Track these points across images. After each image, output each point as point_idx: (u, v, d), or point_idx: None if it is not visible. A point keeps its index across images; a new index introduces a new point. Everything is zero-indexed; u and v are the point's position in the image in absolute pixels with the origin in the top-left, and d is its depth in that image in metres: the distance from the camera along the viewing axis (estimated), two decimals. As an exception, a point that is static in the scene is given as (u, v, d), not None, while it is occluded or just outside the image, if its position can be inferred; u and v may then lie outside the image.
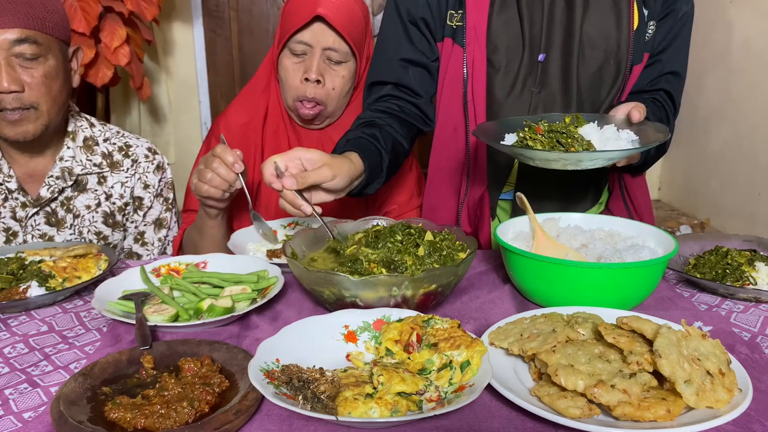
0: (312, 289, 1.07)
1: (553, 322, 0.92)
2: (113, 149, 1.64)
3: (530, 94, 1.42)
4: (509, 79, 1.42)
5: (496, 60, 1.41)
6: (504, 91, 1.42)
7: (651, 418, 0.74)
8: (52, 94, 1.45)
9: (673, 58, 1.45)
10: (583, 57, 1.40)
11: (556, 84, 1.41)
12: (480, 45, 1.41)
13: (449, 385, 0.83)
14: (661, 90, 1.46)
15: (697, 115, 4.11)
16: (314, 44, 1.57)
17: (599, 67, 1.40)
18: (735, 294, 1.14)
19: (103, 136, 1.64)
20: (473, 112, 1.45)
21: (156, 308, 1.08)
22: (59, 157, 1.56)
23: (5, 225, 1.54)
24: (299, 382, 0.81)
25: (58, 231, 1.57)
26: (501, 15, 1.40)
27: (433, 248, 1.12)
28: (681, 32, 1.44)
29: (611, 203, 1.56)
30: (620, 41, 1.38)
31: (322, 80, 1.58)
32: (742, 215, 3.76)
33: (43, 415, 0.81)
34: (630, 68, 1.41)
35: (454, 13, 1.42)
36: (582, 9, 1.38)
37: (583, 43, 1.39)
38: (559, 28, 1.39)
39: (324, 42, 1.56)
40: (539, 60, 1.40)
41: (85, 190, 1.60)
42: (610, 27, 1.38)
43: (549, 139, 1.16)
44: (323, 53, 1.58)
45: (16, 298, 1.13)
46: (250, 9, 4.31)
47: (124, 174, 1.64)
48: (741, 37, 3.74)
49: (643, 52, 1.41)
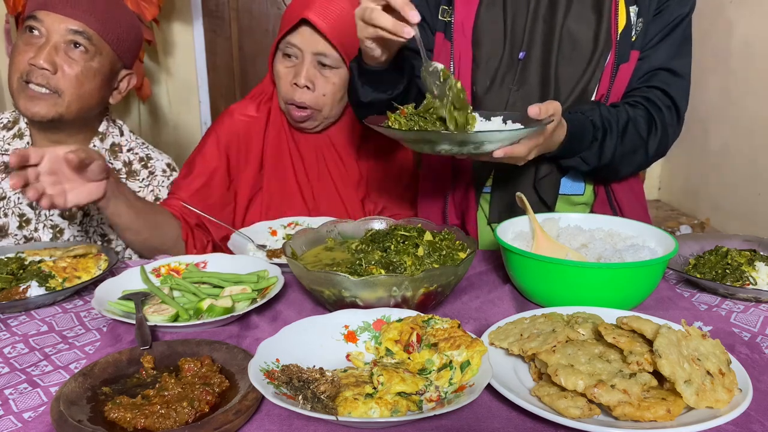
0: (312, 288, 1.07)
1: (553, 322, 0.92)
2: (134, 158, 1.67)
3: (508, 90, 1.42)
4: (489, 75, 1.43)
5: (479, 55, 1.43)
6: (483, 86, 1.44)
7: (651, 418, 0.74)
8: (80, 91, 1.49)
9: (666, 55, 1.43)
10: (563, 56, 1.40)
11: (534, 82, 1.42)
12: (466, 41, 1.42)
13: (449, 385, 0.83)
14: (655, 87, 1.43)
15: (697, 115, 4.11)
16: (304, 48, 1.56)
17: (578, 66, 1.41)
18: (735, 294, 1.14)
19: (128, 146, 1.68)
20: None
21: (156, 308, 1.08)
22: None
23: (20, 211, 1.57)
24: (299, 382, 0.81)
25: (69, 225, 1.59)
26: (488, 12, 1.42)
27: (432, 248, 1.12)
28: (676, 30, 1.42)
29: (596, 207, 1.55)
30: (599, 41, 1.38)
31: (311, 86, 1.57)
32: (742, 215, 3.76)
33: (43, 415, 0.81)
34: (615, 68, 1.40)
35: (445, 8, 1.44)
36: (565, 8, 1.39)
37: (563, 42, 1.40)
38: (541, 27, 1.40)
39: (313, 47, 1.55)
40: (519, 57, 1.41)
41: None
42: (591, 26, 1.39)
43: (411, 121, 1.13)
44: (314, 58, 1.57)
45: (16, 298, 1.13)
46: (250, 9, 4.31)
47: (138, 183, 1.66)
48: (741, 37, 3.73)
49: (630, 51, 1.41)
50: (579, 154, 1.37)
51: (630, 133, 1.39)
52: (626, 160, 1.43)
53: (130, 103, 3.91)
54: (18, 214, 1.57)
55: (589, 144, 1.36)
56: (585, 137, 1.34)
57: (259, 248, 1.42)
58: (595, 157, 1.38)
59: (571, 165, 1.42)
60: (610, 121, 1.37)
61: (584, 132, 1.33)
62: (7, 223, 1.56)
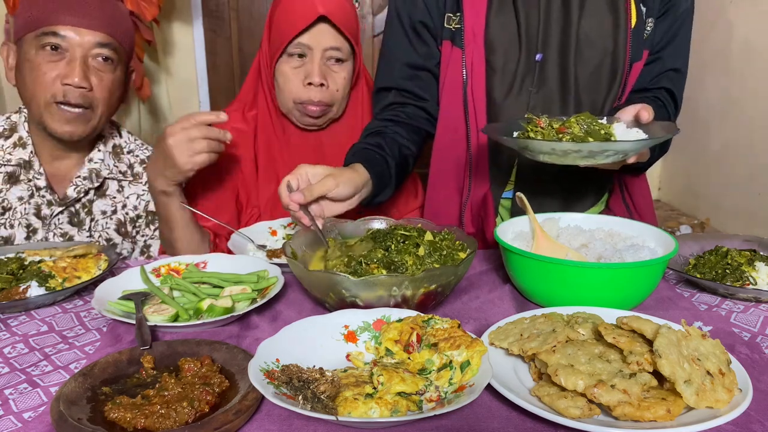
0: (312, 289, 1.07)
1: (553, 322, 0.92)
2: (135, 161, 1.67)
3: (528, 94, 1.42)
4: (507, 80, 1.42)
5: (494, 61, 1.42)
6: (502, 92, 1.43)
7: (651, 418, 0.74)
8: (110, 102, 1.51)
9: (674, 55, 1.44)
10: (581, 56, 1.40)
11: (553, 84, 1.41)
12: (478, 47, 1.41)
13: (449, 385, 0.83)
14: (663, 88, 1.46)
15: (697, 115, 4.11)
16: (314, 46, 1.55)
17: (597, 65, 1.40)
18: (735, 294, 1.14)
19: (128, 147, 1.67)
20: (473, 114, 1.45)
21: (156, 308, 1.08)
22: (89, 159, 1.59)
23: (27, 221, 1.55)
24: (299, 382, 0.81)
25: (78, 231, 1.59)
26: (498, 17, 1.41)
27: (433, 248, 1.12)
28: (681, 29, 1.44)
29: (612, 203, 1.56)
30: (618, 39, 1.38)
31: (325, 83, 1.57)
32: (742, 215, 3.76)
33: (43, 415, 0.81)
34: (629, 66, 1.41)
35: (452, 16, 1.43)
36: (578, 8, 1.38)
37: (580, 42, 1.39)
38: (556, 28, 1.39)
39: (325, 42, 1.55)
40: (536, 60, 1.41)
41: (104, 196, 1.61)
42: (608, 25, 1.39)
43: (551, 131, 1.14)
44: (323, 54, 1.56)
45: (16, 298, 1.13)
46: (250, 9, 4.32)
47: (141, 187, 1.66)
48: (741, 37, 3.73)
49: (642, 50, 1.41)
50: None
51: None
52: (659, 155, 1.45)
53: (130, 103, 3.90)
54: (25, 224, 1.55)
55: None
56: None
57: (259, 248, 1.42)
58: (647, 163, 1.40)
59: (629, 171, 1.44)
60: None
61: None
62: (14, 234, 1.54)
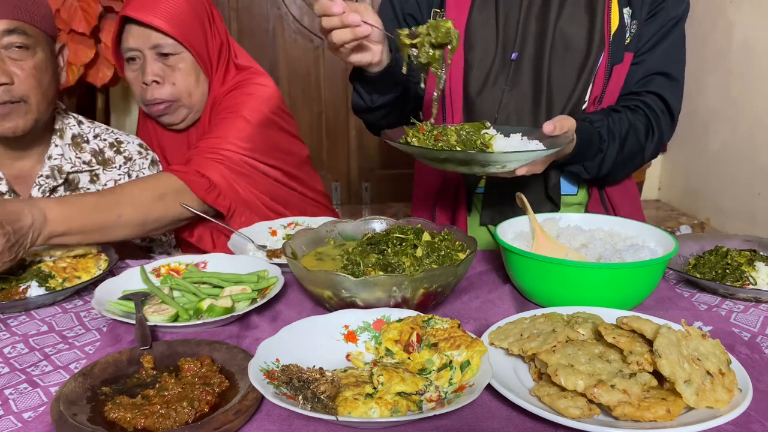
0: (311, 289, 1.07)
1: (553, 322, 0.92)
2: (104, 146, 1.61)
3: (501, 91, 1.43)
4: (481, 76, 1.44)
5: (472, 57, 1.44)
6: (476, 87, 1.44)
7: (651, 418, 0.74)
8: (42, 88, 1.42)
9: (662, 59, 1.44)
10: (556, 57, 1.41)
11: (527, 83, 1.42)
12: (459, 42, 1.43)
13: (449, 385, 0.83)
14: (651, 93, 1.45)
15: (697, 115, 4.11)
16: (141, 47, 1.59)
17: (571, 66, 1.41)
18: (735, 294, 1.14)
19: (93, 133, 1.61)
20: (450, 108, 1.48)
21: (156, 308, 1.08)
22: (48, 156, 1.52)
23: None
24: (299, 382, 0.81)
25: None
26: (480, 14, 1.43)
27: (431, 249, 1.12)
28: (671, 33, 1.43)
29: (590, 207, 1.55)
30: (593, 41, 1.39)
31: (160, 80, 1.60)
32: (742, 215, 3.76)
33: (43, 415, 0.81)
34: (608, 69, 1.41)
35: (437, 11, 1.45)
36: (557, 9, 1.40)
37: (556, 43, 1.40)
38: (534, 28, 1.41)
39: (148, 41, 1.58)
40: (512, 58, 1.42)
41: (77, 189, 1.57)
42: (584, 28, 1.39)
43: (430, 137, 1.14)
44: (152, 52, 1.59)
45: (16, 298, 1.13)
46: (250, 9, 4.31)
47: (117, 171, 1.62)
48: (741, 37, 3.73)
49: (624, 53, 1.41)
50: (583, 163, 1.39)
51: (630, 140, 1.40)
52: (624, 166, 1.45)
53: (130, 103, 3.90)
54: None
55: (593, 155, 1.37)
56: (591, 148, 1.35)
57: (259, 248, 1.42)
58: (597, 167, 1.40)
59: (573, 171, 1.43)
60: (614, 132, 1.38)
61: (591, 143, 1.34)
62: None
